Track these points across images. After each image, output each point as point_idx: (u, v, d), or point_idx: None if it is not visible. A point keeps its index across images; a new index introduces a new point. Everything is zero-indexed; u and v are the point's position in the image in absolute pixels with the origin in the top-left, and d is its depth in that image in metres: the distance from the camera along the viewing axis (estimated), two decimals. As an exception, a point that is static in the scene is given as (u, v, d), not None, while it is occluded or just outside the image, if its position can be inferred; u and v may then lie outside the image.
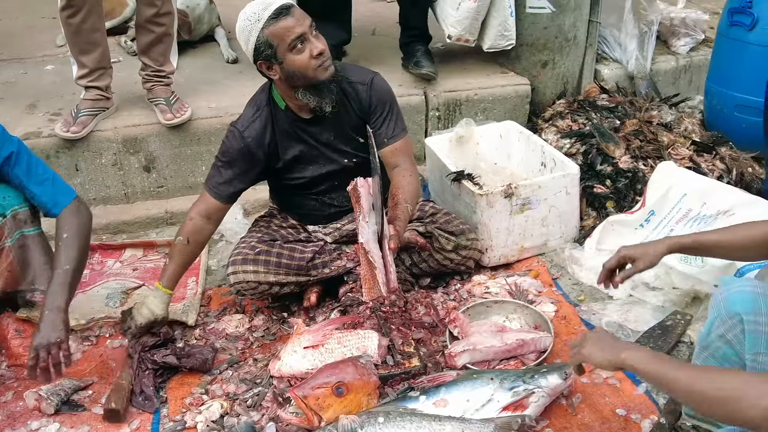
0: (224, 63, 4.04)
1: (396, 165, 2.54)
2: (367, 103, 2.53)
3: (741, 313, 1.66)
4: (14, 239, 2.35)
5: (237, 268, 2.53)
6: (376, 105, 2.53)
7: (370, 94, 2.52)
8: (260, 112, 2.51)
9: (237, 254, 2.56)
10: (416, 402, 1.99)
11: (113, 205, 3.35)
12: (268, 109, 2.51)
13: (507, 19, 3.61)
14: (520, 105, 3.74)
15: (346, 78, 2.51)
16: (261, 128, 2.49)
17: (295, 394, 2.01)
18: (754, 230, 1.84)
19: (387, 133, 2.54)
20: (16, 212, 2.34)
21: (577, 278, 2.78)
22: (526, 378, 2.05)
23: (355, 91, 2.52)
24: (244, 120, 2.52)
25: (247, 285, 2.54)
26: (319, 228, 2.70)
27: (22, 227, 2.36)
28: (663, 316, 2.49)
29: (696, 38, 4.18)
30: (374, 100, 2.53)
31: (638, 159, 3.20)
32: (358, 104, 2.53)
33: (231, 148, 2.50)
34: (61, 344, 2.14)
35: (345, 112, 2.52)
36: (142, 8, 3.21)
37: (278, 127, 2.51)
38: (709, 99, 3.67)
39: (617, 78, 3.95)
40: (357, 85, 2.53)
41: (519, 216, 2.81)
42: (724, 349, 1.75)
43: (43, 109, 3.44)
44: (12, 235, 2.35)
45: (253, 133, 2.48)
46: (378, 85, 2.56)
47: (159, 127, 3.28)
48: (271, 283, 2.54)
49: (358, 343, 2.24)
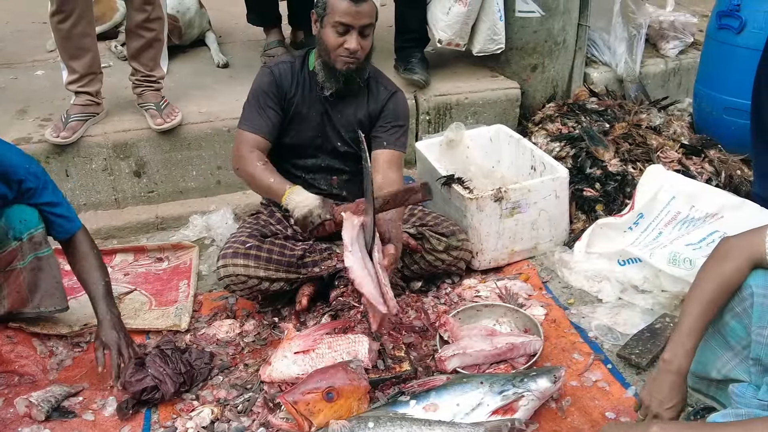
0: (215, 67, 4.04)
1: (387, 174, 2.55)
2: (381, 106, 2.64)
3: (752, 286, 1.73)
4: (27, 261, 2.37)
5: (227, 261, 2.53)
6: (391, 112, 2.64)
7: (388, 101, 2.65)
8: (292, 62, 2.63)
9: (228, 248, 2.56)
10: (406, 407, 2.00)
11: (104, 210, 3.34)
12: (300, 62, 2.63)
13: (496, 23, 3.62)
14: (510, 109, 3.76)
15: (377, 79, 2.67)
16: (288, 72, 2.60)
17: (286, 399, 2.02)
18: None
19: (390, 139, 2.62)
20: (32, 235, 2.36)
21: (567, 282, 2.80)
22: (516, 382, 2.05)
23: (378, 92, 2.65)
24: (276, 60, 2.69)
25: (237, 279, 2.53)
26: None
27: (37, 249, 2.38)
28: (652, 319, 2.51)
29: (685, 41, 4.21)
30: (390, 107, 2.64)
31: (627, 162, 3.22)
32: (375, 103, 2.64)
33: (261, 82, 2.60)
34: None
35: (360, 103, 2.63)
36: (132, 13, 3.20)
37: (300, 81, 2.61)
38: (698, 102, 3.69)
39: (606, 81, 3.97)
40: (381, 88, 2.66)
41: (509, 219, 2.82)
42: (732, 324, 1.81)
43: (33, 114, 3.43)
44: (26, 257, 2.37)
45: (282, 71, 2.60)
46: (400, 98, 2.70)
47: (149, 132, 3.28)
48: (260, 278, 2.54)
49: (348, 348, 2.24)
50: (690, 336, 1.78)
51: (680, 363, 1.79)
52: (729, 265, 1.76)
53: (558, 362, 2.34)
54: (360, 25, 2.40)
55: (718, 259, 1.80)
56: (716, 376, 1.89)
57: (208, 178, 3.42)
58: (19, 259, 2.36)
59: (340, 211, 2.30)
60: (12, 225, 2.33)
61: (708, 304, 1.78)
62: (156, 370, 2.23)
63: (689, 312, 1.79)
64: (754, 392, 1.76)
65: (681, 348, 1.78)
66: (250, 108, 2.60)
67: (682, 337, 1.79)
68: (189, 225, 3.25)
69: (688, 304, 1.80)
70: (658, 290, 2.62)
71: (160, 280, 2.93)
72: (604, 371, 2.31)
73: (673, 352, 1.79)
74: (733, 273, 1.75)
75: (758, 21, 3.27)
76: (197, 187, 3.43)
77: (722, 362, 1.86)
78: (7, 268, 2.39)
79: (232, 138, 2.98)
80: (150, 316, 2.69)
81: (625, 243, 2.77)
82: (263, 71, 2.62)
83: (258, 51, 4.14)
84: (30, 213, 2.35)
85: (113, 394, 2.27)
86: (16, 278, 2.38)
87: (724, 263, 1.77)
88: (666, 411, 1.79)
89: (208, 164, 3.39)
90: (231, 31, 4.64)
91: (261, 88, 2.59)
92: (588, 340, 2.47)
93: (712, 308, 1.79)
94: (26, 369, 2.38)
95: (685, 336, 1.78)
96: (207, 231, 3.22)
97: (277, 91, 2.58)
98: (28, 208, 2.35)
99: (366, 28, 2.43)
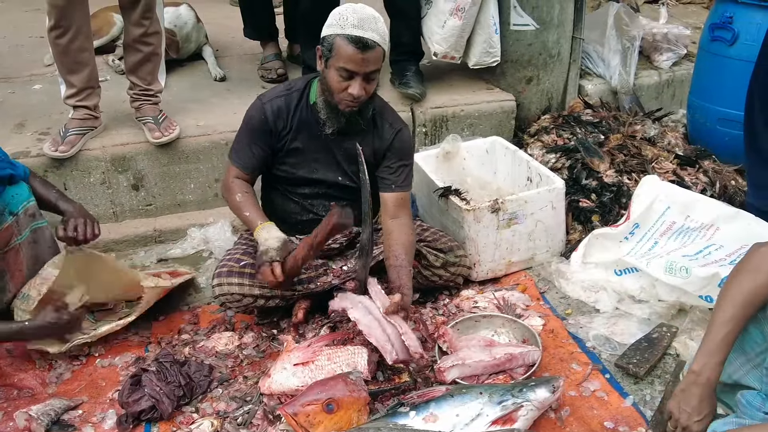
0: (212, 81, 4.06)
1: (397, 216, 2.56)
2: (387, 145, 2.59)
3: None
4: (25, 235, 2.42)
5: (222, 281, 2.54)
6: (397, 151, 2.60)
7: (394, 138, 2.60)
8: (290, 94, 2.56)
9: (222, 266, 2.57)
10: (406, 418, 2.00)
11: (102, 223, 3.27)
12: (299, 95, 2.56)
13: (492, 36, 3.65)
14: (506, 121, 3.78)
15: (383, 115, 2.60)
16: (283, 107, 2.54)
17: (286, 411, 2.02)
18: None
19: (397, 180, 2.59)
20: (26, 207, 2.41)
21: (564, 292, 2.81)
22: (515, 392, 2.06)
23: (383, 129, 2.59)
24: (270, 94, 2.58)
25: (232, 297, 2.54)
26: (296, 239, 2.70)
27: (32, 221, 2.44)
28: (649, 329, 2.52)
29: (678, 53, 4.25)
30: (396, 145, 2.59)
31: (622, 173, 3.24)
32: (380, 140, 2.59)
33: (253, 117, 2.55)
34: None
35: (365, 139, 2.56)
36: (129, 28, 3.22)
37: (298, 115, 2.55)
38: (692, 113, 3.72)
39: (601, 93, 4.00)
40: (386, 124, 2.60)
41: (506, 230, 2.84)
42: (750, 330, 1.79)
43: (31, 128, 3.44)
44: (23, 231, 2.41)
45: (274, 108, 2.53)
46: (406, 135, 2.65)
47: (147, 146, 3.29)
48: (255, 296, 2.55)
49: (347, 359, 2.25)
50: (720, 349, 1.75)
51: (710, 375, 1.76)
52: (762, 277, 1.73)
53: (556, 372, 2.35)
54: (365, 72, 2.33)
55: (750, 270, 1.76)
56: (726, 381, 1.88)
57: (206, 191, 3.43)
58: (16, 234, 2.39)
59: (292, 255, 2.36)
60: (6, 201, 2.38)
61: (740, 319, 1.74)
62: (152, 389, 2.23)
63: (720, 324, 1.75)
64: (762, 402, 1.75)
65: (711, 359, 1.75)
66: (239, 139, 2.60)
67: (712, 349, 1.75)
68: (187, 238, 3.26)
69: (719, 314, 1.77)
70: (654, 300, 2.64)
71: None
72: (602, 381, 2.32)
73: (703, 363, 1.77)
74: (766, 285, 1.73)
75: (751, 33, 3.31)
76: (195, 200, 3.44)
77: (734, 367, 1.85)
78: (6, 247, 2.41)
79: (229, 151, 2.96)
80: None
81: (621, 253, 2.78)
82: (256, 105, 2.56)
83: (255, 64, 4.16)
84: (20, 186, 2.41)
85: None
86: (15, 256, 2.41)
87: (758, 274, 1.74)
88: (695, 423, 1.77)
89: (206, 177, 3.40)
90: (228, 45, 4.67)
91: (251, 123, 2.55)
92: (586, 350, 2.48)
93: (742, 321, 1.75)
94: (25, 382, 2.39)
95: (714, 348, 1.75)
96: (205, 244, 3.23)
97: (268, 130, 2.53)
98: (15, 186, 2.41)
99: (372, 73, 2.36)
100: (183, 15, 4.16)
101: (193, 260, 3.18)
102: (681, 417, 1.80)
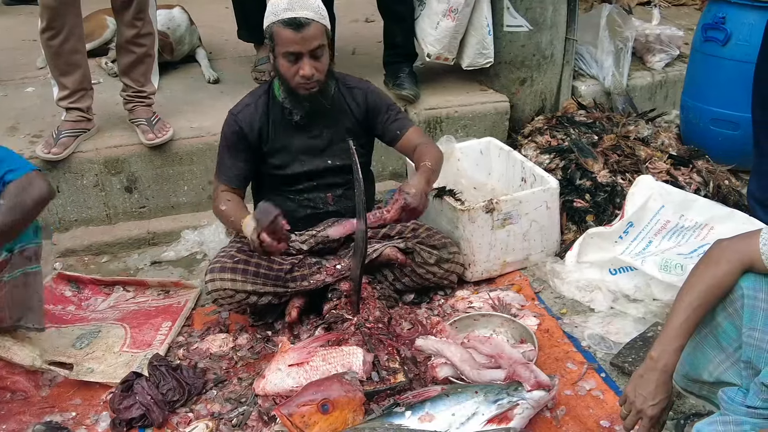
0: (205, 83, 4.05)
1: (416, 145, 2.64)
2: (365, 107, 2.66)
3: (743, 287, 1.75)
4: (16, 276, 2.29)
5: (215, 276, 2.53)
6: (378, 106, 2.67)
7: (367, 98, 2.67)
8: (257, 99, 2.62)
9: (215, 263, 2.57)
10: (402, 418, 2.00)
11: (95, 226, 3.33)
12: (266, 97, 2.62)
13: (485, 37, 3.66)
14: (500, 122, 3.78)
15: (345, 83, 2.66)
16: (254, 113, 2.59)
17: (281, 412, 2.01)
18: None
19: (398, 126, 2.67)
20: (24, 248, 2.29)
21: (559, 292, 2.81)
22: (511, 390, 2.06)
23: (354, 96, 2.66)
24: (239, 106, 2.64)
25: (224, 293, 2.53)
26: (294, 235, 2.69)
27: (27, 265, 2.32)
28: (644, 328, 2.52)
29: (671, 54, 4.26)
30: (373, 101, 2.67)
31: (616, 173, 3.25)
32: (358, 107, 2.66)
33: (227, 132, 2.61)
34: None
35: (343, 115, 2.63)
36: (122, 29, 3.21)
37: (272, 115, 2.61)
38: (685, 113, 3.73)
39: (594, 94, 4.01)
40: (356, 90, 2.67)
41: (501, 231, 2.84)
42: (724, 326, 1.82)
43: (24, 131, 3.43)
44: (13, 271, 2.28)
45: (246, 117, 2.59)
46: (374, 88, 2.74)
47: (140, 148, 3.28)
48: (248, 292, 2.53)
49: (342, 360, 2.24)
50: (678, 335, 1.79)
51: (667, 361, 1.79)
52: (721, 268, 1.77)
53: (552, 371, 2.34)
54: (309, 50, 2.39)
55: (710, 262, 1.81)
56: (708, 379, 1.90)
57: (200, 193, 3.42)
58: (7, 271, 2.28)
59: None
60: None
61: (698, 306, 1.79)
62: (143, 397, 2.21)
63: (679, 312, 1.80)
64: (743, 397, 1.76)
65: (668, 346, 1.79)
66: (221, 156, 2.66)
67: (670, 335, 1.80)
68: (181, 240, 3.25)
69: (678, 304, 1.82)
70: (649, 299, 2.64)
71: (147, 315, 2.78)
72: (597, 380, 2.31)
73: (661, 349, 1.80)
74: (725, 276, 1.77)
75: (743, 33, 3.32)
76: (189, 202, 3.43)
77: (714, 365, 1.87)
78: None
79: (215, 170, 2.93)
80: (116, 362, 2.50)
81: (615, 252, 2.79)
82: (228, 120, 2.61)
83: (249, 67, 4.16)
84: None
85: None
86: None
87: (717, 266, 1.78)
88: (650, 408, 1.80)
89: (200, 179, 3.39)
90: (222, 47, 4.66)
91: (229, 138, 2.61)
92: (581, 349, 2.48)
93: (701, 310, 1.80)
94: (18, 385, 2.37)
95: (673, 335, 1.79)
96: (199, 246, 3.22)
97: (245, 140, 2.59)
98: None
99: (316, 50, 2.41)
100: (176, 17, 4.15)
101: (187, 263, 3.17)
102: (636, 401, 1.83)
